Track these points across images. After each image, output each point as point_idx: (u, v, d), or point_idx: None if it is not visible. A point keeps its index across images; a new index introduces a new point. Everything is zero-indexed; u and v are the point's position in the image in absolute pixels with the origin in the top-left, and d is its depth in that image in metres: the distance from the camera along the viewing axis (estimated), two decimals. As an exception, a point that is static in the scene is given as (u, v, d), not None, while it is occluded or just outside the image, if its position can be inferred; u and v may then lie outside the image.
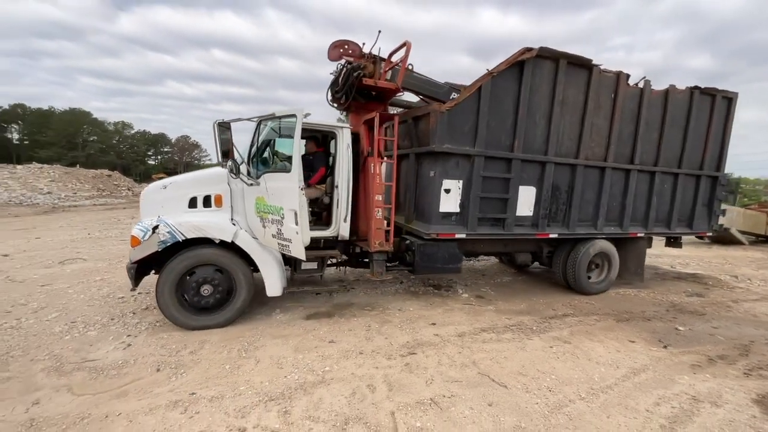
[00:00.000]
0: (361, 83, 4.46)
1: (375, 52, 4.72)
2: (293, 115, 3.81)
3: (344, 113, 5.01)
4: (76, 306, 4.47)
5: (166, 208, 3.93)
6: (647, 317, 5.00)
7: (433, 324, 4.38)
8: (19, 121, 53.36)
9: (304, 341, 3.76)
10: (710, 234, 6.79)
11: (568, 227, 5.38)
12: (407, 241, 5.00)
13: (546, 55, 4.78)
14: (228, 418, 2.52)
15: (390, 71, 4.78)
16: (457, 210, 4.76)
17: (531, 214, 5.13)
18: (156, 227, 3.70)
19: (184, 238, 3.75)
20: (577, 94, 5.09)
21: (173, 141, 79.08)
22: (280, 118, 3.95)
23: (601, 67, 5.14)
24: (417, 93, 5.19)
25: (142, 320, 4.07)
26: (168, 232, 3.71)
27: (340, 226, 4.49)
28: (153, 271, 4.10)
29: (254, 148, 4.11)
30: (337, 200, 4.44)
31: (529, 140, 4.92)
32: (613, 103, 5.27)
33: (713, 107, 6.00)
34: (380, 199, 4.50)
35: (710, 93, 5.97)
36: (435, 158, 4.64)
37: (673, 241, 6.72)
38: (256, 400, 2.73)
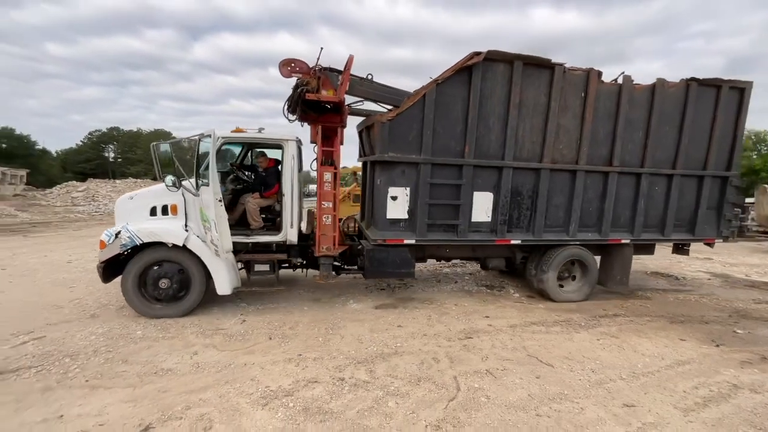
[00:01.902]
0: (304, 98, 4.63)
1: (323, 67, 4.78)
2: (209, 135, 4.25)
3: (302, 125, 5.16)
4: (207, 295, 5.65)
5: (132, 216, 4.50)
6: (705, 321, 4.91)
7: (487, 317, 4.82)
8: (114, 142, 62.00)
9: (376, 324, 4.49)
10: (721, 241, 6.01)
11: (534, 233, 5.17)
12: (359, 246, 5.23)
13: (497, 58, 4.69)
14: (329, 372, 3.31)
15: (349, 83, 4.89)
16: (406, 216, 4.87)
17: (489, 219, 5.05)
18: (118, 233, 4.30)
19: (141, 242, 4.30)
20: (539, 96, 4.90)
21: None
22: (200, 137, 4.33)
23: (567, 66, 4.89)
24: (376, 101, 5.22)
25: (248, 305, 5.11)
26: (128, 237, 4.27)
27: (287, 232, 4.82)
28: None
29: (196, 164, 4.41)
30: (285, 208, 4.81)
31: (483, 145, 4.85)
32: (584, 102, 5.00)
33: (718, 100, 5.39)
34: (327, 206, 4.86)
35: (712, 84, 5.37)
36: (381, 167, 4.78)
37: (680, 248, 6.21)
38: (347, 362, 3.50)
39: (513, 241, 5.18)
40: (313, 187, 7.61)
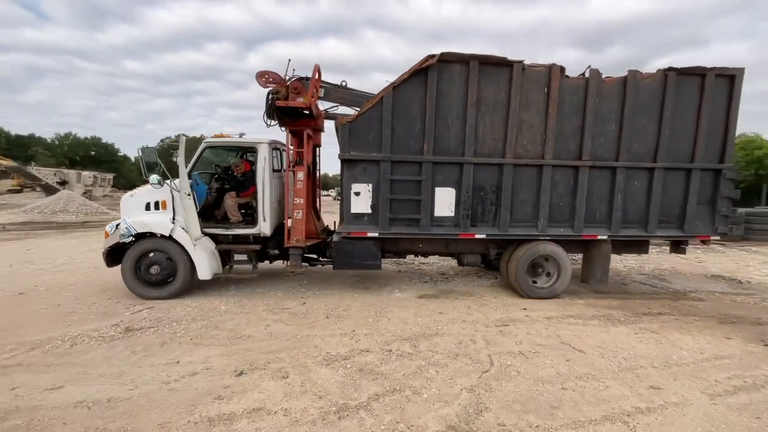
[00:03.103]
0: (275, 105, 5.06)
1: (300, 77, 5.26)
2: (177, 140, 5.03)
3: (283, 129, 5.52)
4: (271, 279, 6.56)
5: (132, 211, 5.22)
6: (760, 323, 4.80)
7: (524, 309, 5.05)
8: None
9: (419, 311, 4.94)
10: (717, 238, 5.71)
11: (500, 228, 5.27)
12: (328, 239, 5.62)
13: (452, 59, 4.89)
14: (378, 345, 3.83)
15: (323, 89, 5.54)
16: (369, 211, 5.16)
17: (452, 214, 5.22)
18: (118, 224, 5.07)
19: (136, 232, 5.01)
20: (498, 93, 5.02)
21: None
22: (175, 142, 5.07)
23: (527, 63, 4.99)
24: (351, 106, 5.56)
25: (307, 290, 5.83)
26: (125, 228, 5.00)
27: (261, 225, 5.31)
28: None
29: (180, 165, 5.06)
30: (258, 204, 5.31)
31: (442, 143, 5.06)
32: (547, 98, 5.05)
33: (703, 89, 5.18)
34: (299, 202, 5.25)
35: (694, 73, 5.17)
36: (345, 164, 5.11)
37: (678, 247, 5.94)
38: (393, 338, 4.02)
39: (477, 236, 5.28)
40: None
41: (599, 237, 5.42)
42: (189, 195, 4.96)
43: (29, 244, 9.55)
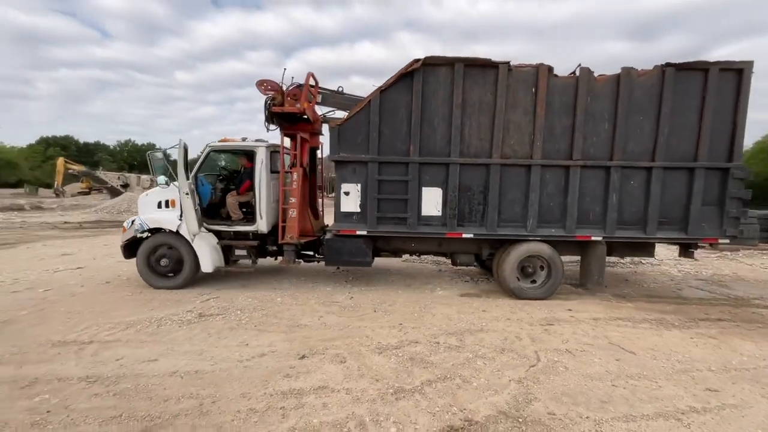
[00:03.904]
0: (272, 111, 5.35)
1: (300, 83, 5.49)
2: (176, 145, 5.26)
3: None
4: (319, 275, 6.98)
5: (146, 208, 5.77)
6: None
7: (569, 309, 5.03)
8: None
9: (463, 308, 5.07)
10: (727, 242, 5.32)
11: (487, 228, 5.27)
12: (323, 237, 5.78)
13: (437, 62, 4.99)
14: (426, 337, 4.02)
15: (320, 95, 5.78)
16: (358, 210, 5.34)
17: (439, 213, 5.30)
18: (134, 221, 5.61)
19: (148, 228, 5.54)
20: (484, 94, 5.06)
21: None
22: (170, 148, 5.44)
23: (512, 63, 5.00)
24: (346, 110, 5.63)
25: (353, 287, 6.06)
26: (140, 224, 5.54)
27: (258, 223, 5.62)
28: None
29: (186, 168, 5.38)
30: (256, 203, 5.62)
31: (429, 144, 5.16)
32: (535, 97, 5.02)
33: (706, 85, 4.93)
34: (293, 201, 5.53)
35: (696, 68, 4.93)
36: (336, 165, 5.33)
37: (685, 251, 5.63)
38: (440, 332, 4.19)
39: (465, 235, 5.32)
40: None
41: (593, 238, 5.30)
42: (187, 194, 5.29)
43: (104, 240, 10.70)
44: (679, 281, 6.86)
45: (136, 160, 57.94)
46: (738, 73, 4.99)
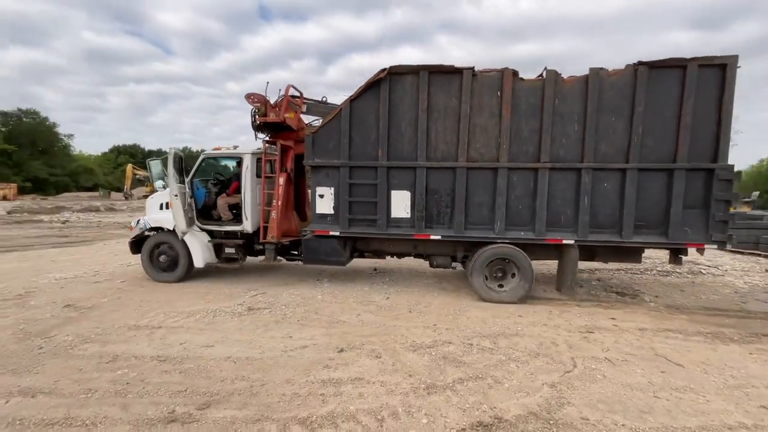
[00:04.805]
0: (257, 120, 5.81)
1: (280, 98, 5.90)
2: (167, 153, 5.84)
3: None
4: (358, 276, 7.14)
5: (151, 210, 6.43)
6: None
7: (613, 318, 4.82)
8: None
9: (498, 312, 5.07)
10: (714, 247, 4.99)
11: (455, 230, 5.36)
12: (301, 237, 6.01)
13: (402, 71, 5.20)
14: (459, 338, 4.09)
15: (305, 105, 6.23)
16: (332, 212, 5.61)
17: (408, 216, 5.46)
18: (139, 220, 6.31)
19: (150, 226, 6.21)
20: (449, 100, 5.16)
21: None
22: (167, 155, 5.90)
23: (478, 69, 5.07)
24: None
25: (389, 288, 6.33)
26: (144, 223, 6.24)
27: (244, 223, 6.09)
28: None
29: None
30: (242, 206, 6.07)
31: (397, 149, 5.37)
32: (500, 101, 5.02)
33: (684, 82, 4.70)
34: (275, 204, 5.89)
35: (672, 65, 4.73)
36: (312, 170, 5.67)
37: (675, 257, 5.38)
38: (473, 334, 4.23)
39: (433, 237, 5.45)
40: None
41: (565, 241, 5.21)
42: (176, 196, 5.84)
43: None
44: (744, 294, 6.30)
45: (190, 166, 62.64)
46: (721, 69, 4.73)
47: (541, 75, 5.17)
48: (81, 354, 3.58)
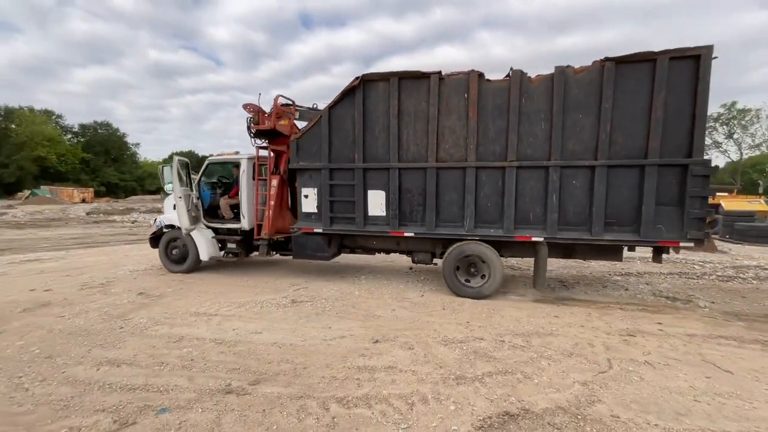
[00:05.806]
0: (252, 128, 6.30)
1: (284, 104, 6.48)
2: (170, 160, 6.47)
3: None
4: (393, 274, 7.42)
5: (167, 209, 7.08)
6: None
7: (659, 323, 4.60)
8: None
9: (534, 312, 5.05)
10: (691, 245, 4.78)
11: (427, 227, 5.58)
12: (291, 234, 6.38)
13: (374, 78, 5.50)
14: (492, 335, 4.16)
15: (298, 112, 6.66)
16: (316, 211, 6.06)
17: (384, 214, 5.77)
18: (156, 219, 7.14)
19: (165, 224, 6.97)
20: (419, 103, 5.38)
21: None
22: (180, 161, 6.55)
23: (445, 72, 5.23)
24: None
25: (424, 286, 6.49)
26: (160, 221, 7.07)
27: (242, 222, 6.71)
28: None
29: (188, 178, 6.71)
30: (240, 205, 6.68)
31: (372, 151, 5.68)
32: (467, 103, 5.15)
33: (654, 77, 4.57)
34: (271, 203, 6.42)
35: (640, 60, 4.60)
36: (297, 172, 6.12)
37: (657, 255, 5.32)
38: (506, 332, 4.27)
39: (406, 234, 5.72)
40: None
41: (534, 239, 5.24)
42: (180, 198, 6.44)
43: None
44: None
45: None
46: (695, 60, 4.52)
47: (507, 75, 5.20)
48: (153, 334, 4.14)
